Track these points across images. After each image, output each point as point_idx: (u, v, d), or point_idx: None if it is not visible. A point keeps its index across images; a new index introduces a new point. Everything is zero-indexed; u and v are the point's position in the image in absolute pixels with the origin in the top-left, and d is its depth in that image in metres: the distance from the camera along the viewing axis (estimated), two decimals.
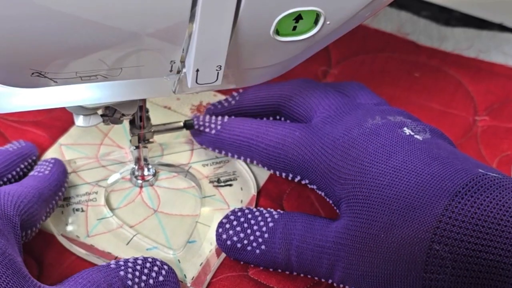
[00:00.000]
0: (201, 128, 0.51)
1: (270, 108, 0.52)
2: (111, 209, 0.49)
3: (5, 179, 0.47)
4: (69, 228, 0.48)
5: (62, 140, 0.53)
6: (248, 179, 0.51)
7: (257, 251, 0.45)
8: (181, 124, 0.50)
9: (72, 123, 0.54)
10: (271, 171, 0.49)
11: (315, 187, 0.47)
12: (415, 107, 0.58)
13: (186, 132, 0.53)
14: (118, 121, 0.45)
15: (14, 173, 0.47)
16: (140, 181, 0.50)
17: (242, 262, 0.46)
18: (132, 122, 0.48)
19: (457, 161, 0.42)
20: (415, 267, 0.39)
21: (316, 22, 0.35)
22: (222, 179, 0.51)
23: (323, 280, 0.44)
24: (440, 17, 0.67)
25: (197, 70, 0.35)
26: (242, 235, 0.45)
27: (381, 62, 0.62)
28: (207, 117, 0.51)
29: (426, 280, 0.39)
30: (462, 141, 0.55)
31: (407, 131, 0.44)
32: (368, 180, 0.42)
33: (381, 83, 0.60)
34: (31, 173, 0.48)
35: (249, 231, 0.45)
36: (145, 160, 0.50)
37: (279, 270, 0.45)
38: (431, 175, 0.41)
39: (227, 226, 0.46)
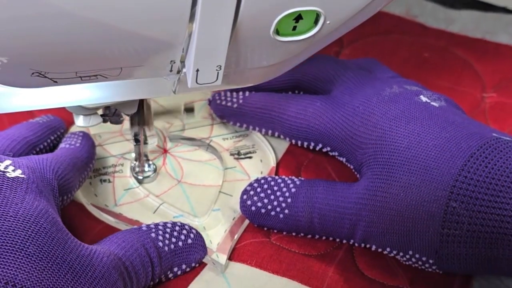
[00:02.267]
0: (223, 103, 0.53)
1: (289, 83, 0.54)
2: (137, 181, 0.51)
3: (37, 149, 0.49)
4: (98, 198, 0.49)
5: None
6: (267, 152, 0.53)
7: (281, 215, 0.47)
8: (181, 109, 0.52)
9: None
10: (293, 141, 0.51)
11: (336, 153, 0.49)
12: (424, 85, 0.59)
13: (206, 108, 0.55)
14: (118, 121, 0.46)
15: (45, 143, 0.49)
16: (140, 177, 0.51)
17: (266, 228, 0.48)
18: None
19: (472, 125, 0.44)
20: (433, 224, 0.41)
21: (316, 22, 0.35)
22: (242, 151, 0.53)
23: (344, 241, 0.47)
24: (446, 1, 0.69)
25: (197, 70, 0.35)
26: (266, 200, 0.47)
27: (391, 43, 0.65)
28: (228, 92, 0.53)
29: (443, 236, 0.41)
30: (470, 116, 0.57)
31: (424, 98, 0.46)
32: (388, 143, 0.44)
33: (391, 63, 0.62)
34: (62, 145, 0.50)
35: (272, 196, 0.47)
36: (146, 156, 0.51)
37: (302, 234, 0.47)
38: (447, 138, 0.43)
39: (251, 193, 0.48)
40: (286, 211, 0.47)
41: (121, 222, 0.48)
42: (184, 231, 0.45)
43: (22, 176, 0.40)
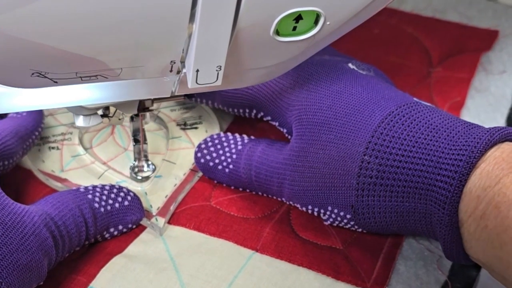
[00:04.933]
0: None
1: None
2: (85, 148, 0.53)
3: None
4: (45, 164, 0.51)
5: None
6: (212, 123, 0.55)
7: (227, 170, 0.49)
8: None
9: None
10: (231, 110, 0.53)
11: (269, 118, 0.51)
12: (372, 60, 0.61)
13: None
14: (118, 121, 0.46)
15: None
16: (140, 177, 0.51)
17: (216, 181, 0.51)
18: None
19: (394, 91, 0.46)
20: (348, 179, 0.43)
21: (316, 22, 0.35)
22: (188, 122, 0.55)
23: (279, 199, 0.49)
24: None
25: (197, 70, 0.35)
26: (214, 155, 0.50)
27: None
28: None
29: (358, 190, 0.43)
30: (415, 90, 0.59)
31: (352, 66, 0.48)
32: (312, 103, 0.46)
33: (341, 39, 0.63)
34: (10, 115, 0.51)
35: (221, 151, 0.50)
36: (145, 156, 0.52)
37: (248, 191, 0.50)
38: (368, 98, 0.44)
39: (203, 146, 0.50)
40: (231, 166, 0.49)
41: (66, 187, 0.50)
42: (122, 194, 0.47)
43: None
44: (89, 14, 0.30)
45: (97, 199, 0.45)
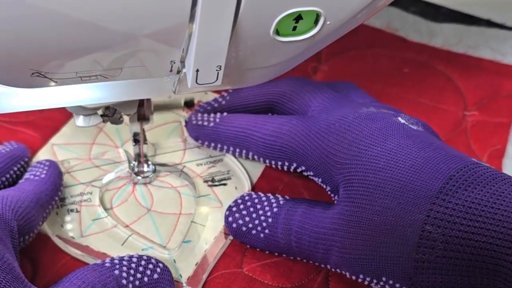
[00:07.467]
0: (199, 123, 0.51)
1: (263, 105, 0.52)
2: (105, 209, 0.49)
3: None
4: (64, 229, 0.48)
5: (54, 140, 0.53)
6: (242, 178, 0.51)
7: (262, 235, 0.45)
8: (181, 103, 0.52)
9: (64, 122, 0.54)
10: (267, 162, 0.49)
11: (311, 173, 0.47)
12: (405, 103, 0.58)
13: (178, 132, 0.54)
14: (118, 121, 0.45)
15: (8, 175, 0.47)
16: (139, 178, 0.50)
17: (248, 246, 0.47)
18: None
19: (450, 149, 0.42)
20: (407, 249, 0.39)
21: (316, 22, 0.35)
22: (216, 178, 0.51)
23: (322, 265, 0.45)
24: (428, 13, 0.67)
25: (197, 70, 0.35)
26: (247, 218, 0.46)
27: (370, 58, 0.63)
28: (206, 114, 0.52)
29: (418, 262, 0.39)
30: (451, 136, 0.56)
31: (402, 120, 0.45)
32: (364, 163, 0.42)
33: (371, 79, 0.60)
34: (26, 175, 0.47)
35: (254, 215, 0.46)
36: (145, 156, 0.50)
37: (284, 255, 0.46)
38: (425, 158, 0.41)
39: (234, 209, 0.47)
40: (266, 231, 0.45)
41: (87, 254, 0.46)
42: (150, 265, 0.43)
43: None
44: (87, 14, 0.30)
45: (124, 274, 0.42)
